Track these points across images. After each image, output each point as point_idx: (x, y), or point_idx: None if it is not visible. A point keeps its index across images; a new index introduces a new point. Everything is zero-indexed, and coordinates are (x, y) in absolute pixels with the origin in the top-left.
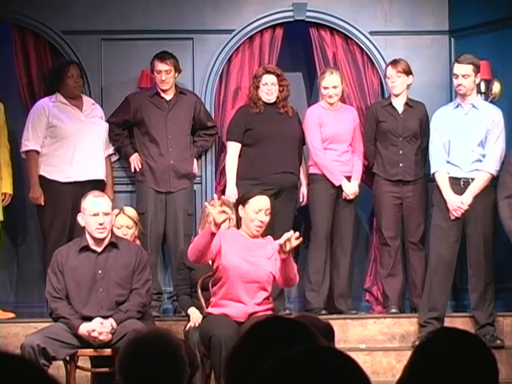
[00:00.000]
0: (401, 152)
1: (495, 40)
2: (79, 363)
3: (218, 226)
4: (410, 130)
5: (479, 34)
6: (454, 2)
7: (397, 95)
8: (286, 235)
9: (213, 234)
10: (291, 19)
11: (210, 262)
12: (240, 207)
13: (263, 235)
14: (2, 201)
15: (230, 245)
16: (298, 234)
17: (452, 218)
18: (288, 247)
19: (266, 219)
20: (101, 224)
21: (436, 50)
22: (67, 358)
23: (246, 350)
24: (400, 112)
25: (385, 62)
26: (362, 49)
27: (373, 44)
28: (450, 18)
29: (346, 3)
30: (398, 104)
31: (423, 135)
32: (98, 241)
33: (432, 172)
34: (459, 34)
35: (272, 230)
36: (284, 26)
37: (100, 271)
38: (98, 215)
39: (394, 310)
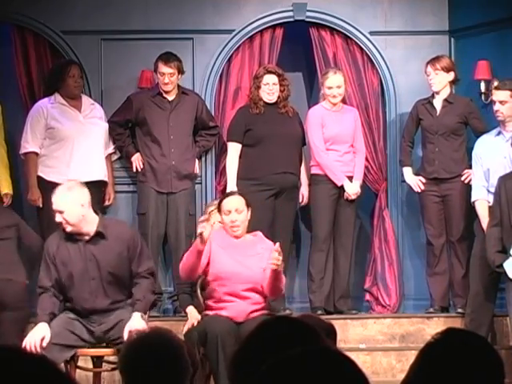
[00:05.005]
0: (436, 149)
1: (495, 40)
2: (79, 363)
3: (204, 242)
4: (447, 127)
5: (479, 34)
6: (454, 1)
7: (437, 92)
8: (273, 257)
9: (200, 252)
10: (291, 19)
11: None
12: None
13: (249, 231)
14: (3, 202)
15: (219, 245)
16: (276, 247)
17: None
18: (280, 266)
19: (238, 217)
20: (59, 222)
21: (436, 50)
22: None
23: (251, 350)
24: (438, 109)
25: (385, 62)
26: (361, 49)
27: (373, 44)
28: (450, 18)
29: (345, 3)
30: (437, 101)
31: (466, 130)
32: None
33: (472, 200)
34: (459, 34)
35: (272, 230)
36: (284, 26)
37: (91, 261)
38: (55, 214)
39: (432, 310)
